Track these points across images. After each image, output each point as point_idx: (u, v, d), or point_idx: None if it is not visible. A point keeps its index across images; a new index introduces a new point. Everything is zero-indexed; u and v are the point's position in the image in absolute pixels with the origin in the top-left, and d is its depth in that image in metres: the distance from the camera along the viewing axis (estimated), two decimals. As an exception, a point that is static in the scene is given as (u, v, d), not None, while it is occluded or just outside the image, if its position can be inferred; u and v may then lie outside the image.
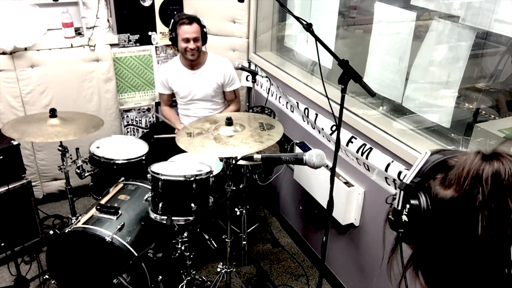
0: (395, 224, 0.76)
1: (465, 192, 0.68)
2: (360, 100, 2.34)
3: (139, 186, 2.44)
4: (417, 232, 0.73)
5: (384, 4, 2.13)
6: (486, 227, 0.66)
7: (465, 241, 0.68)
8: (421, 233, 0.73)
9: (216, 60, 2.90)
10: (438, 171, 0.73)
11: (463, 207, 0.68)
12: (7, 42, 2.74)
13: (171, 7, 3.15)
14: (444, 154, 0.75)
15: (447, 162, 0.73)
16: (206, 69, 2.88)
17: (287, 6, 2.79)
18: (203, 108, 2.95)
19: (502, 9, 1.61)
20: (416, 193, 0.73)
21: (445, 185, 0.70)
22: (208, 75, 2.88)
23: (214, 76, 2.88)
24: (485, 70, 1.89)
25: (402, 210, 0.74)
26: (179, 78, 2.89)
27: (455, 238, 0.69)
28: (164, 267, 2.23)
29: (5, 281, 2.63)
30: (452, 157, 0.73)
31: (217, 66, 2.88)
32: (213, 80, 2.88)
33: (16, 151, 2.60)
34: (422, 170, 0.74)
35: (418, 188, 0.73)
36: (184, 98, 2.92)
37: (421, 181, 0.74)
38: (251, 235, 2.99)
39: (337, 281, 2.67)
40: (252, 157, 1.59)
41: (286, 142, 2.85)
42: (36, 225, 2.79)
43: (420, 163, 0.75)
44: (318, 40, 1.87)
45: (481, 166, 0.68)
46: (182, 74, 2.88)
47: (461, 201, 0.68)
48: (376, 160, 2.08)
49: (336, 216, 2.36)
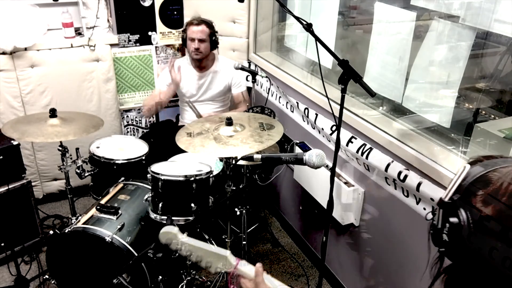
0: (436, 241, 0.73)
1: (503, 210, 0.64)
2: (360, 100, 2.34)
3: (139, 186, 2.44)
4: (458, 250, 0.70)
5: (384, 4, 2.13)
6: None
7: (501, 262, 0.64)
8: (462, 251, 0.69)
9: (225, 63, 2.95)
10: (480, 187, 0.68)
11: (501, 226, 0.64)
12: (7, 42, 2.74)
13: (171, 7, 3.15)
14: (484, 166, 0.70)
15: (488, 176, 0.68)
16: (214, 72, 2.92)
17: (287, 6, 2.79)
18: (208, 109, 2.97)
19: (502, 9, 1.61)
20: (456, 211, 0.69)
21: (486, 202, 0.66)
22: (216, 77, 2.92)
23: (221, 78, 2.92)
24: (485, 70, 1.89)
25: (443, 228, 0.71)
26: (186, 78, 2.91)
27: (491, 258, 0.65)
28: (164, 267, 2.23)
29: (5, 281, 2.63)
30: (493, 170, 0.69)
31: (225, 68, 2.92)
32: (220, 83, 2.93)
33: (16, 151, 2.60)
34: (462, 185, 0.70)
35: (458, 206, 0.69)
36: (189, 98, 2.94)
37: (460, 198, 0.70)
38: (251, 235, 2.99)
39: (337, 281, 2.67)
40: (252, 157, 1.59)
41: (286, 142, 2.85)
42: (36, 225, 2.79)
43: (460, 178, 0.71)
44: (318, 40, 1.87)
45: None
46: (189, 74, 2.91)
47: (498, 220, 0.64)
48: (376, 160, 2.08)
49: (336, 216, 2.36)
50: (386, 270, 2.25)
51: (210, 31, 2.78)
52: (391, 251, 2.18)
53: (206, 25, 2.77)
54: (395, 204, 2.06)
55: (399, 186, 2.00)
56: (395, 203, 2.06)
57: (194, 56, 2.80)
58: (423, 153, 1.88)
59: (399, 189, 2.01)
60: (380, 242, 2.26)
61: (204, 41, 2.76)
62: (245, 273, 1.06)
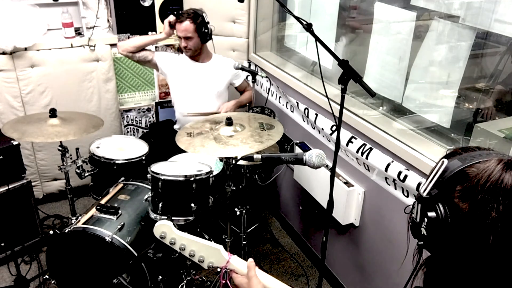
0: (415, 234, 0.75)
1: (478, 207, 0.65)
2: (360, 100, 2.34)
3: (139, 186, 2.44)
4: (436, 243, 0.71)
5: (384, 4, 2.13)
6: (497, 242, 0.64)
7: (477, 255, 0.66)
8: (440, 245, 0.71)
9: (222, 60, 2.90)
10: (457, 182, 0.69)
11: (476, 221, 0.66)
12: (7, 42, 2.74)
13: (171, 7, 3.14)
14: (462, 160, 0.70)
15: (465, 171, 0.69)
16: (211, 65, 2.86)
17: (287, 6, 2.79)
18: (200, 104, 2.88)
19: (502, 9, 1.61)
20: (434, 205, 0.70)
21: (463, 198, 0.68)
22: (213, 71, 2.85)
23: (219, 74, 2.86)
24: (485, 70, 1.89)
25: (421, 223, 0.72)
26: (180, 64, 2.86)
27: (468, 251, 0.67)
28: (164, 267, 2.24)
29: (5, 281, 2.63)
30: (471, 166, 0.69)
31: (223, 65, 2.87)
32: (218, 78, 2.85)
33: (16, 151, 2.60)
34: (440, 180, 0.71)
35: (436, 201, 0.70)
36: (179, 86, 2.87)
37: (438, 193, 0.70)
38: (251, 235, 2.99)
39: (337, 281, 2.67)
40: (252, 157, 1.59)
41: (286, 142, 2.85)
42: (36, 225, 2.79)
43: (438, 173, 0.71)
44: (318, 40, 1.87)
45: (500, 177, 0.65)
46: (184, 61, 2.86)
47: (475, 216, 0.66)
48: (376, 160, 2.08)
49: (336, 216, 2.36)
50: (386, 270, 2.25)
51: (195, 26, 2.66)
52: (391, 251, 2.18)
53: (191, 20, 2.65)
54: (395, 204, 2.06)
55: (399, 186, 2.00)
56: (395, 203, 2.06)
57: (185, 53, 2.79)
58: (423, 153, 1.88)
59: (399, 189, 2.01)
60: (380, 242, 2.26)
61: (191, 37, 2.68)
62: (237, 268, 1.06)
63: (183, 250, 1.08)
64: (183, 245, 1.08)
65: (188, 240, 1.07)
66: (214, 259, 1.07)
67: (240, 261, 1.07)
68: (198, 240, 1.07)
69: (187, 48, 2.72)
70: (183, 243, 1.07)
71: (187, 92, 2.86)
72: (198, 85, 2.84)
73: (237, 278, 1.05)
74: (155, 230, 1.10)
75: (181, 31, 2.68)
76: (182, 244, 1.08)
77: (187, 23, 2.65)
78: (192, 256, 1.07)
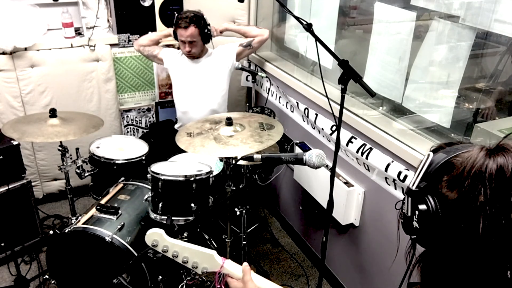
0: (407, 229, 0.76)
1: (466, 193, 0.67)
2: (360, 100, 2.34)
3: (139, 186, 2.44)
4: (429, 236, 0.72)
5: (384, 4, 2.13)
6: (488, 227, 0.65)
7: (469, 242, 0.68)
8: (433, 237, 0.72)
9: (218, 52, 2.90)
10: (444, 173, 0.71)
11: (465, 208, 0.67)
12: (7, 42, 2.74)
13: (171, 7, 3.14)
14: (447, 152, 0.73)
15: (451, 162, 0.71)
16: (208, 55, 2.86)
17: (287, 6, 2.79)
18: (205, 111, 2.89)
19: (502, 9, 1.61)
20: (424, 198, 0.72)
21: (451, 187, 0.69)
22: (212, 60, 2.85)
23: (218, 58, 2.86)
24: (485, 70, 1.89)
25: (412, 216, 0.74)
26: (181, 67, 2.87)
27: (460, 240, 0.68)
28: (164, 267, 2.23)
29: (5, 281, 2.63)
30: (456, 156, 0.72)
31: (220, 56, 2.87)
32: (218, 63, 2.85)
33: (16, 151, 2.60)
34: (428, 173, 0.73)
35: (425, 193, 0.72)
36: (180, 83, 2.88)
37: (427, 185, 0.72)
38: (251, 235, 2.99)
39: (337, 281, 2.67)
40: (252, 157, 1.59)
41: (286, 142, 2.85)
42: (36, 225, 2.79)
43: (424, 166, 0.73)
44: (318, 40, 1.87)
45: (484, 163, 0.67)
46: (183, 64, 2.86)
47: (463, 202, 0.67)
48: (376, 160, 2.08)
49: (336, 216, 2.36)
50: (386, 270, 2.25)
51: (199, 30, 2.67)
52: (391, 251, 2.18)
53: (195, 25, 2.65)
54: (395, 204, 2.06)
55: (399, 186, 2.00)
56: (395, 203, 2.06)
57: (187, 56, 2.79)
58: (423, 153, 1.88)
59: (399, 189, 2.01)
60: (380, 242, 2.26)
61: (195, 42, 2.70)
62: (231, 272, 1.06)
63: (176, 257, 1.08)
64: (175, 252, 1.07)
65: (181, 247, 1.07)
66: (207, 264, 1.07)
67: (235, 266, 1.07)
68: (191, 246, 1.07)
69: (190, 52, 2.73)
70: (175, 250, 1.07)
71: (188, 89, 2.88)
72: (198, 82, 2.85)
73: (233, 283, 1.05)
74: (146, 239, 1.10)
75: (186, 37, 2.67)
76: (175, 251, 1.07)
77: (192, 29, 2.66)
78: (186, 263, 1.07)
